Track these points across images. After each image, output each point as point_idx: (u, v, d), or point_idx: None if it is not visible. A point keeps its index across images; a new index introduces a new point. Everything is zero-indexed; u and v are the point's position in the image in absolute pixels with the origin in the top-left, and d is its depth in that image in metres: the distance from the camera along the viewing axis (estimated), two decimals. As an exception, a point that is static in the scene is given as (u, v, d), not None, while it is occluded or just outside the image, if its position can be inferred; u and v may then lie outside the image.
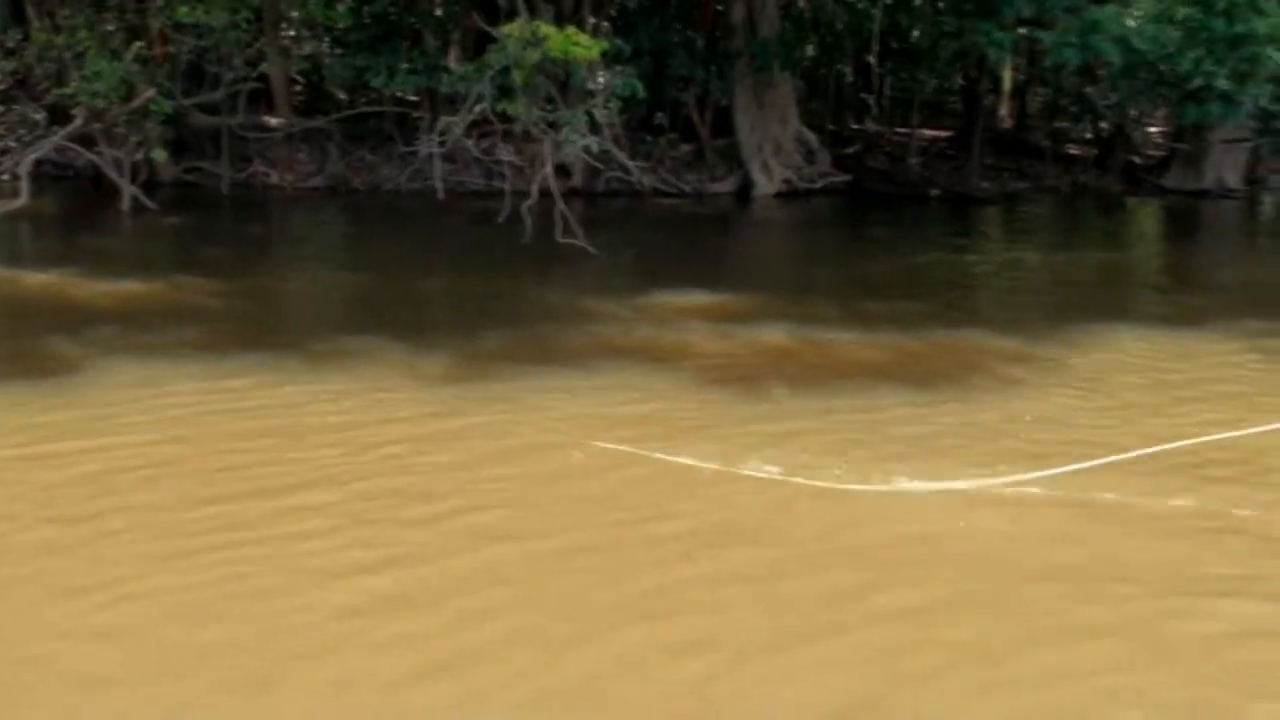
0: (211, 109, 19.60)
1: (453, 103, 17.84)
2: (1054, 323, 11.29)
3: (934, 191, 23.10)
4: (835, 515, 6.36)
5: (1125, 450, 6.83)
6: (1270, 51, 14.88)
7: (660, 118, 22.32)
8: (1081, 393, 8.88)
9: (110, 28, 18.65)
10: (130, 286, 11.89)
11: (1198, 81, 15.10)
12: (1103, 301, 12.92)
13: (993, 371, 9.38)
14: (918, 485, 6.69)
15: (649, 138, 22.20)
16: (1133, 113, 25.04)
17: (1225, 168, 24.24)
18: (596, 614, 5.23)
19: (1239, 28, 14.80)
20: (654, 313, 11.46)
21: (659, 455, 7.13)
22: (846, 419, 8.03)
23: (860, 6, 22.93)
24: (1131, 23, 15.01)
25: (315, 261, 14.77)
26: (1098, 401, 8.67)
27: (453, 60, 19.91)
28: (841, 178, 22.68)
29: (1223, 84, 15.13)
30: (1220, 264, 17.04)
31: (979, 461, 7.05)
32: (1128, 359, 10.03)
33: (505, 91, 15.46)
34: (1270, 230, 21.84)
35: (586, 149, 15.97)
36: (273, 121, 20.80)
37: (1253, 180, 24.67)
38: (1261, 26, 14.68)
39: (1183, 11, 14.61)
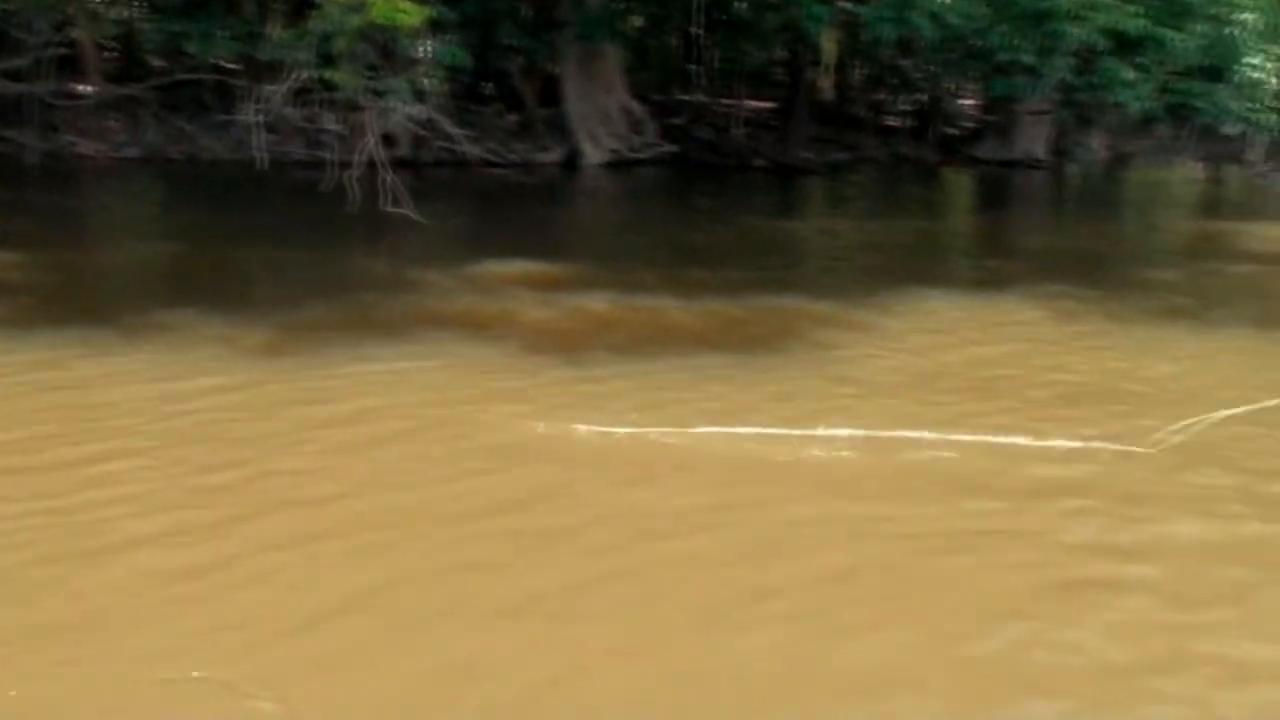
0: (16, 75, 18.81)
1: (274, 70, 17.46)
2: (868, 288, 11.65)
3: (758, 162, 23.54)
4: (642, 461, 6.50)
5: (922, 406, 7.14)
6: (1070, 27, 15.54)
7: (487, 87, 22.25)
8: (890, 353, 9.21)
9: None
10: (-70, 260, 11.41)
11: (1005, 56, 15.69)
12: (915, 267, 13.38)
13: (808, 335, 9.66)
14: (716, 430, 6.90)
15: (476, 107, 22.10)
16: (947, 86, 25.82)
17: (1033, 139, 25.24)
18: (400, 566, 5.25)
19: (1042, 4, 15.43)
20: (479, 281, 11.46)
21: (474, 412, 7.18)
22: (667, 379, 8.19)
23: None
24: (944, -1, 15.52)
25: (128, 234, 14.35)
26: (902, 361, 9.02)
27: (273, 26, 19.47)
28: (668, 148, 22.93)
29: (1028, 58, 15.75)
30: (1024, 230, 17.78)
31: (787, 416, 7.27)
32: (934, 321, 10.43)
33: (328, 59, 15.22)
34: (1071, 199, 22.81)
35: (411, 118, 15.85)
36: (83, 89, 20.08)
37: (1059, 151, 25.72)
38: (1063, 3, 15.33)
39: (993, -10, 15.16)
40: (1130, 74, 16.89)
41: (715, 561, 5.45)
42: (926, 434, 6.96)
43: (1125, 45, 16.55)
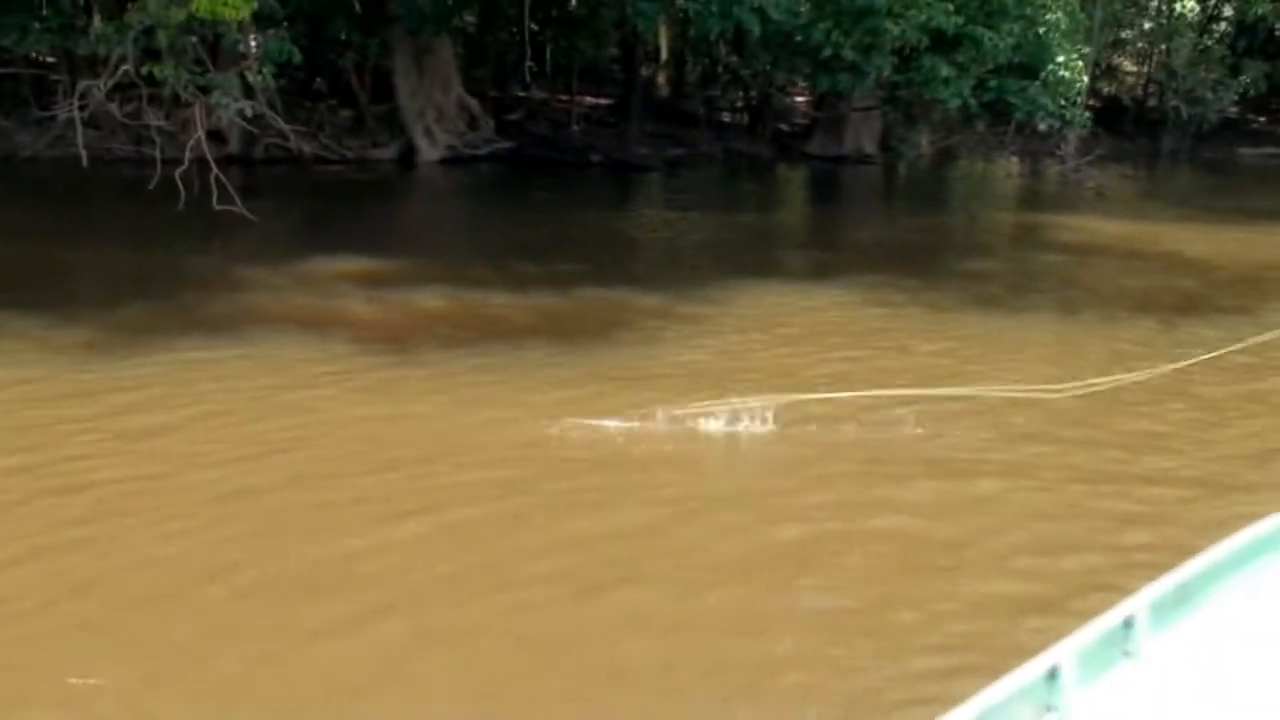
0: None
1: (94, 65, 17.01)
2: (696, 280, 11.94)
3: (595, 158, 23.70)
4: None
5: (742, 389, 7.40)
6: (889, 25, 16.08)
7: (319, 83, 22.00)
8: (707, 340, 9.53)
9: None
10: None
11: (828, 52, 16.16)
12: (743, 260, 13.70)
13: (634, 325, 9.89)
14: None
15: (309, 103, 21.85)
16: (779, 83, 26.37)
17: (863, 135, 25.92)
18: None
19: (861, 2, 15.93)
20: (308, 278, 11.42)
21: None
22: (494, 371, 8.32)
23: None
24: (768, -7, 15.91)
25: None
26: (722, 347, 9.33)
27: (93, 20, 18.96)
28: (505, 144, 22.96)
29: (850, 55, 16.25)
30: (850, 224, 18.34)
31: (612, 406, 7.46)
32: (752, 310, 10.77)
33: (151, 53, 14.92)
34: (897, 193, 23.55)
35: (241, 114, 15.62)
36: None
37: (887, 147, 26.46)
38: (881, 1, 15.85)
39: (811, -16, 15.61)
40: (948, 71, 17.55)
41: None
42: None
43: (943, 43, 17.19)
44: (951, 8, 16.70)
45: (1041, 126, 20.08)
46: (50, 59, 20.04)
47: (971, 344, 9.81)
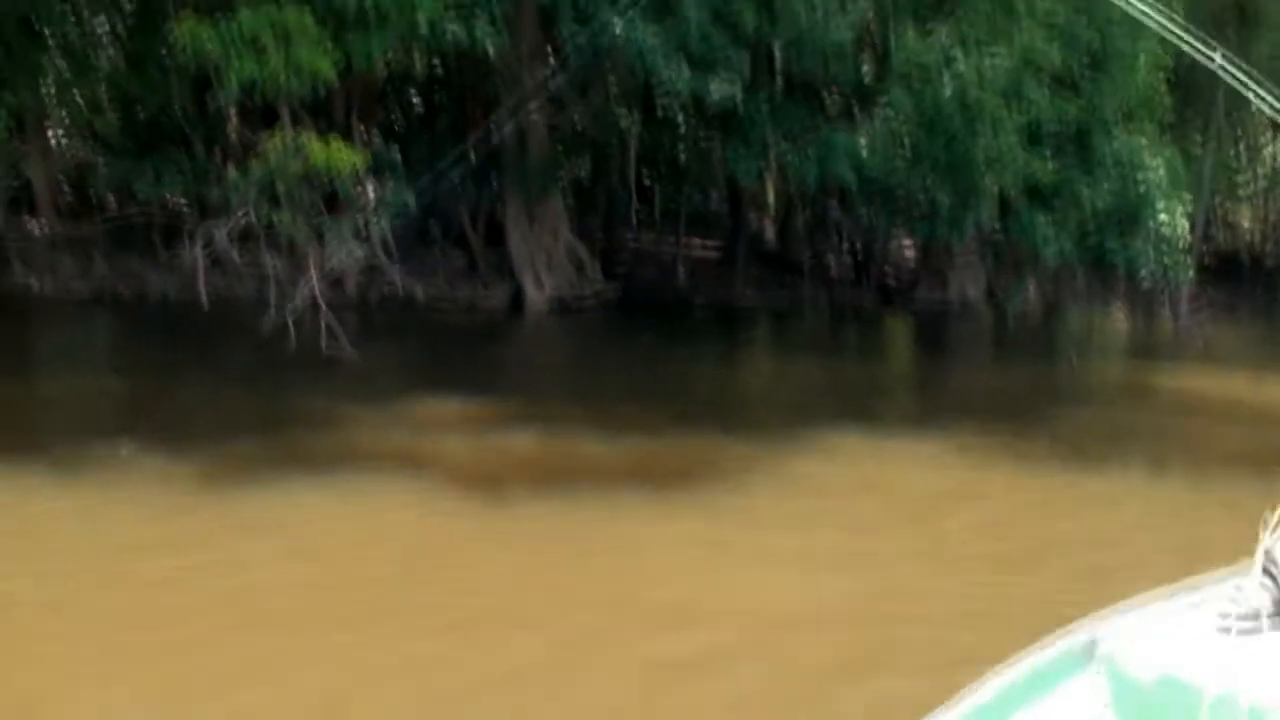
0: (-31, 211, 19.18)
1: (223, 211, 17.92)
2: (787, 427, 12.06)
3: (700, 303, 24.08)
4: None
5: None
6: (985, 177, 16.28)
7: (434, 228, 22.76)
8: (795, 491, 9.64)
9: None
10: None
11: (924, 201, 16.42)
12: (837, 407, 13.79)
13: (722, 472, 10.04)
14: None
15: (423, 249, 22.59)
16: (882, 231, 26.61)
17: (968, 284, 25.95)
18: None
19: (957, 154, 16.16)
20: (411, 420, 11.78)
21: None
22: (583, 518, 8.53)
23: (626, 126, 23.93)
24: (864, 146, 16.25)
25: (72, 369, 14.58)
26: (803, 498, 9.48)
27: (224, 168, 19.99)
28: (612, 290, 23.44)
29: (947, 205, 16.48)
30: (949, 373, 18.32)
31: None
32: (841, 460, 10.87)
33: (275, 201, 15.70)
34: (999, 342, 23.47)
35: (354, 259, 16.28)
36: (36, 226, 20.44)
37: (993, 295, 26.42)
38: (977, 154, 16.06)
39: (907, 136, 15.92)
40: (1046, 222, 17.65)
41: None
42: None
43: (1040, 194, 17.32)
44: (1048, 160, 16.87)
45: (1145, 279, 19.99)
46: (184, 206, 21.08)
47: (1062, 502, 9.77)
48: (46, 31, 19.04)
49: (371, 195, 16.89)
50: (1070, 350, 21.71)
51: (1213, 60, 3.99)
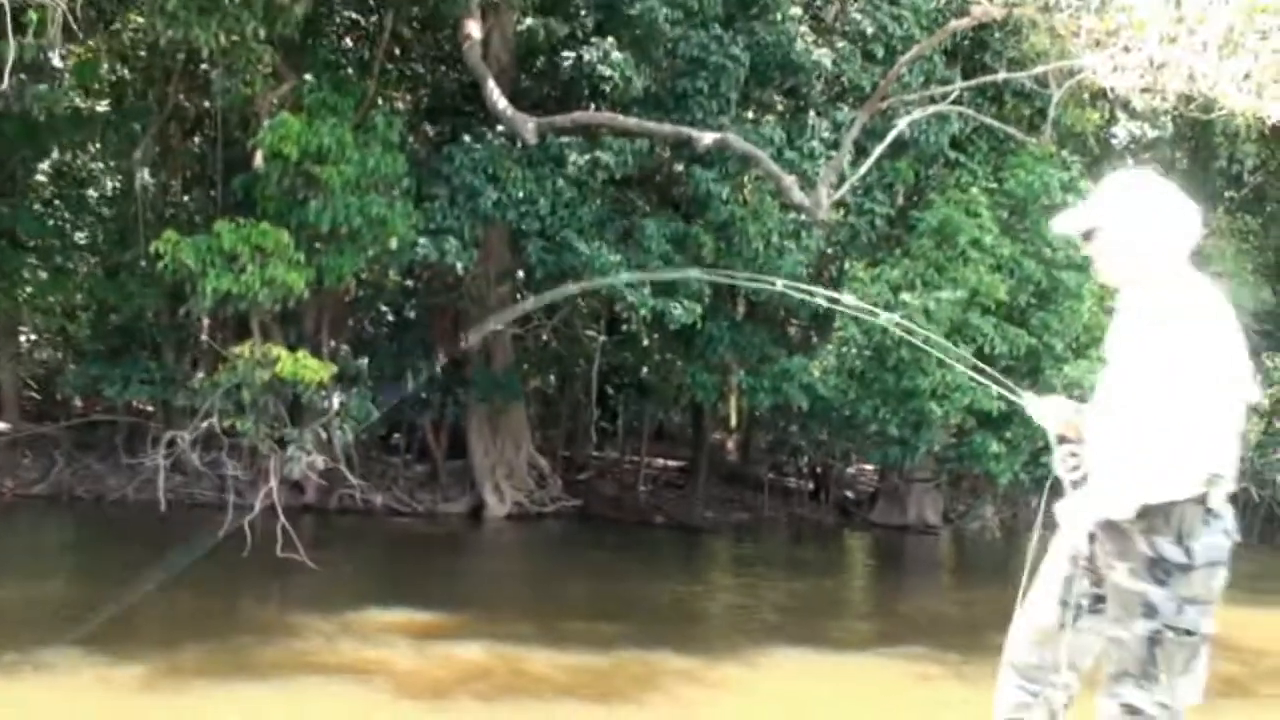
0: (-69, 411, 19.32)
1: (186, 415, 18.13)
2: (739, 645, 12.13)
3: (659, 519, 24.22)
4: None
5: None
6: (934, 406, 16.75)
7: (397, 438, 23.02)
8: (737, 708, 9.68)
9: None
10: None
11: (876, 428, 16.84)
12: (790, 627, 13.87)
13: (668, 689, 10.07)
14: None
15: (385, 456, 22.80)
16: (838, 452, 27.03)
17: (925, 505, 26.25)
18: None
19: (905, 383, 16.68)
20: (360, 629, 11.77)
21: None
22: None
23: (591, 344, 24.53)
24: (817, 372, 16.76)
25: (20, 571, 14.53)
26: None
27: (191, 374, 20.29)
28: (572, 503, 23.59)
29: (898, 431, 16.90)
30: (901, 594, 18.43)
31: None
32: (789, 678, 10.92)
33: (239, 407, 15.93)
34: (957, 565, 23.63)
35: (314, 466, 16.45)
36: (-1, 426, 20.59)
37: (949, 517, 26.71)
38: (924, 384, 16.58)
39: (859, 364, 16.45)
40: (998, 447, 18.05)
41: None
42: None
43: (992, 420, 17.78)
44: (995, 394, 17.35)
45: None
46: (149, 408, 21.29)
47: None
48: (28, 240, 19.54)
49: (336, 404, 17.14)
50: (1027, 574, 21.85)
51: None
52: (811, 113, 18.32)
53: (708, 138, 15.59)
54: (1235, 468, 3.69)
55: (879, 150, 15.64)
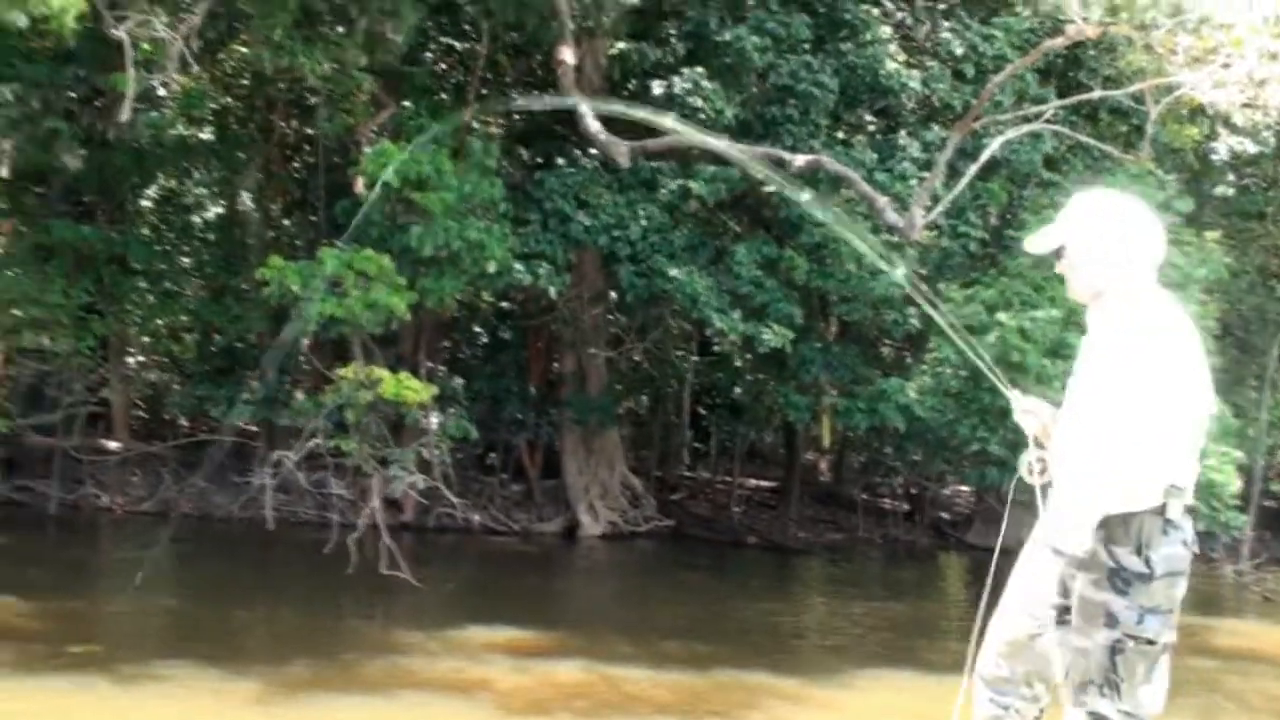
0: (47, 430, 19.91)
1: (289, 434, 18.57)
2: (835, 666, 12.15)
3: (752, 540, 24.24)
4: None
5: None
6: (1032, 425, 16.55)
7: (493, 458, 23.31)
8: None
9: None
10: (-59, 606, 12.02)
11: (974, 447, 16.69)
12: (885, 648, 13.87)
13: (766, 709, 10.14)
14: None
15: (482, 476, 23.09)
16: (936, 472, 26.83)
17: (1024, 527, 25.84)
18: None
19: (1002, 402, 16.47)
20: (462, 646, 12.02)
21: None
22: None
23: (683, 365, 24.69)
24: (913, 393, 16.70)
25: (139, 586, 15.00)
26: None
27: (294, 395, 20.78)
28: (665, 522, 23.70)
29: (997, 451, 16.74)
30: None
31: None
32: (888, 700, 10.91)
33: (340, 427, 16.31)
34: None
35: (414, 486, 16.77)
36: (110, 445, 21.19)
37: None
38: (1024, 403, 16.40)
39: (955, 384, 16.34)
40: (1097, 470, 17.75)
41: None
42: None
43: (1091, 443, 17.51)
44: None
45: (1198, 528, 19.92)
46: (252, 428, 21.80)
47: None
48: (137, 265, 20.16)
49: (434, 424, 17.45)
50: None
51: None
52: (902, 134, 18.31)
53: (800, 160, 15.64)
54: (1193, 480, 3.76)
55: (972, 170, 15.56)
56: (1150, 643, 3.78)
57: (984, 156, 15.45)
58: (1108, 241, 3.84)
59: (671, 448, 28.29)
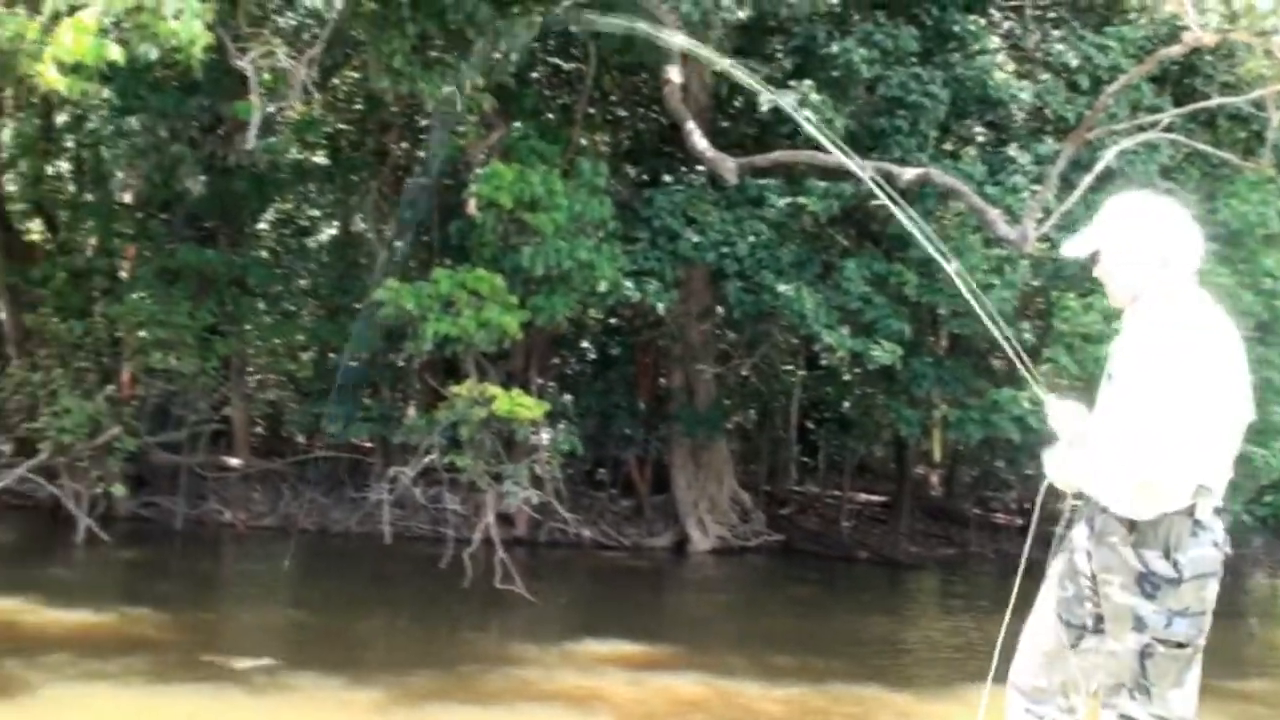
0: (173, 448, 20.53)
1: (404, 451, 18.96)
2: (948, 680, 12.08)
3: (863, 554, 24.12)
4: None
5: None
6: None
7: (603, 473, 23.51)
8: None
9: (84, 365, 19.88)
10: (81, 616, 12.44)
11: (1091, 460, 16.46)
12: (1001, 663, 13.69)
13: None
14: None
15: (591, 492, 23.30)
16: (1051, 485, 26.43)
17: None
18: None
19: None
20: (578, 659, 12.17)
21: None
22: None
23: (790, 380, 24.67)
24: (1027, 404, 16.51)
25: (260, 598, 15.43)
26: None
27: (408, 412, 21.20)
28: (775, 537, 23.68)
29: (1112, 464, 16.52)
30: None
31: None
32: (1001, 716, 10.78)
33: (454, 443, 16.62)
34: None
35: (527, 501, 17.01)
36: (232, 461, 21.78)
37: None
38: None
39: (1071, 395, 16.09)
40: (1218, 486, 17.36)
41: None
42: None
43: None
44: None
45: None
46: (367, 444, 22.27)
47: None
48: (256, 287, 20.76)
49: (545, 440, 17.68)
50: (1251, 616, 21.06)
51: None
52: (1013, 146, 18.16)
53: (909, 173, 15.60)
54: (1224, 482, 3.71)
55: (1086, 182, 15.35)
56: (1181, 645, 3.79)
57: (1098, 167, 15.26)
58: (1144, 243, 3.85)
59: (779, 462, 28.23)
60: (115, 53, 8.71)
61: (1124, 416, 3.77)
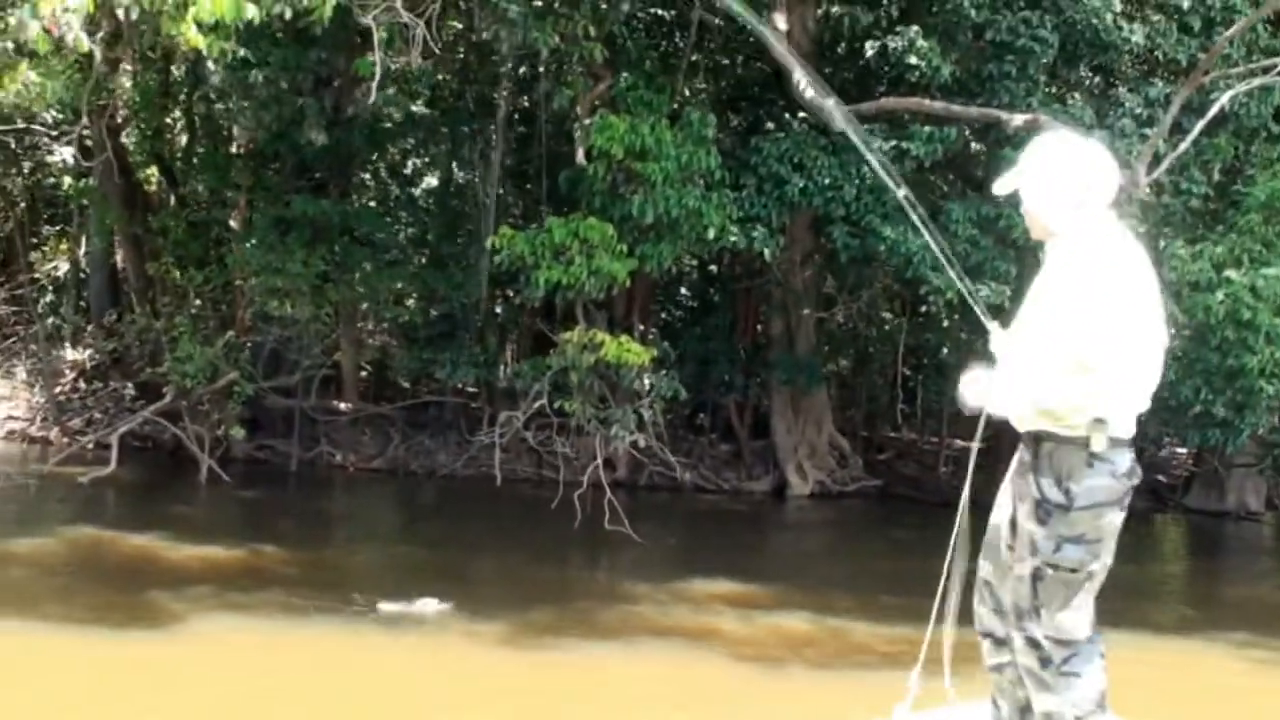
0: (286, 392, 21.16)
1: (509, 396, 19.39)
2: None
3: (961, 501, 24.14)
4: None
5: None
6: (1264, 384, 16.16)
7: (702, 418, 23.80)
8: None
9: (203, 312, 20.57)
10: (213, 552, 13.05)
11: (1197, 409, 16.40)
12: (1103, 608, 13.76)
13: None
14: None
15: (692, 436, 23.61)
16: (1154, 435, 26.20)
17: (1246, 491, 25.06)
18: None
19: (1232, 361, 16.16)
20: (689, 597, 12.52)
21: None
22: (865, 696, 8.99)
23: (890, 326, 24.70)
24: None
25: (378, 537, 16.00)
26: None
27: (513, 358, 21.65)
28: (872, 482, 23.84)
29: (1221, 412, 16.42)
30: (1222, 580, 17.96)
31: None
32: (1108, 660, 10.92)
33: (561, 388, 17.00)
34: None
35: (633, 445, 17.36)
36: (342, 406, 22.40)
37: (1274, 504, 25.45)
38: (1252, 362, 16.02)
39: (1179, 344, 16.02)
40: (1333, 431, 17.31)
41: None
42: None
43: (1325, 400, 17.03)
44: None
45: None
46: (472, 389, 22.74)
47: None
48: (364, 236, 21.24)
49: (648, 385, 17.97)
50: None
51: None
52: (1122, 89, 17.96)
53: (1018, 119, 15.56)
54: (1132, 415, 3.84)
55: (1199, 126, 15.20)
56: (1073, 571, 3.92)
57: (1211, 112, 15.10)
58: (1061, 180, 3.96)
59: (878, 408, 28.28)
60: (252, 11, 9.03)
61: (1031, 345, 3.94)
